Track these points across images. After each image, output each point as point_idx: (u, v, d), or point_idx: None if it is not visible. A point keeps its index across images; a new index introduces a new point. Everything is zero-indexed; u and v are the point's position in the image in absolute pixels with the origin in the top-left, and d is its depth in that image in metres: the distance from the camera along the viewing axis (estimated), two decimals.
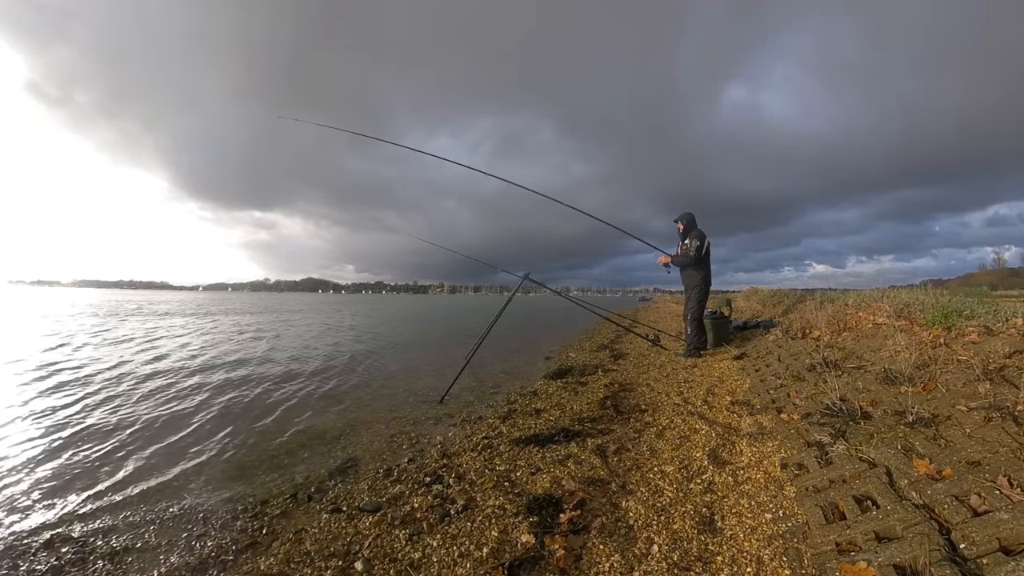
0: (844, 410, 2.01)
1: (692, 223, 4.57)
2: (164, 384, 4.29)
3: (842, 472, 1.58)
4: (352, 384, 4.46)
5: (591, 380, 3.97)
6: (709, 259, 4.56)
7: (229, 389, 4.16)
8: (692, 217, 4.58)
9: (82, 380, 4.36)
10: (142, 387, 4.14)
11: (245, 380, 4.56)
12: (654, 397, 3.14)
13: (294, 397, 3.89)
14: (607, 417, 2.75)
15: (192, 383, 4.36)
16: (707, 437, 2.23)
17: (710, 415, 2.59)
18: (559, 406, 3.15)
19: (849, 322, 3.51)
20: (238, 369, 5.16)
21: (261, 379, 4.64)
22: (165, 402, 3.66)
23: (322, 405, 3.64)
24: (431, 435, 2.80)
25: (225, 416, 3.30)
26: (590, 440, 2.36)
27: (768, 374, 3.14)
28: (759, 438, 2.11)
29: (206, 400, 3.76)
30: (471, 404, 3.56)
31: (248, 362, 5.66)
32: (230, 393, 4.00)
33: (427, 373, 5.05)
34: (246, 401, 3.75)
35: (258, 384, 4.40)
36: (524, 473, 2.03)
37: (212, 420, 3.20)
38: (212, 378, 4.62)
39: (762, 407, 2.53)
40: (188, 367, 5.19)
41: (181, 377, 4.63)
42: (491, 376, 4.76)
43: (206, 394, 3.96)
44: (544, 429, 2.62)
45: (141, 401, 3.67)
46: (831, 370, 2.57)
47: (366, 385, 4.41)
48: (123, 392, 3.93)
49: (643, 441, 2.29)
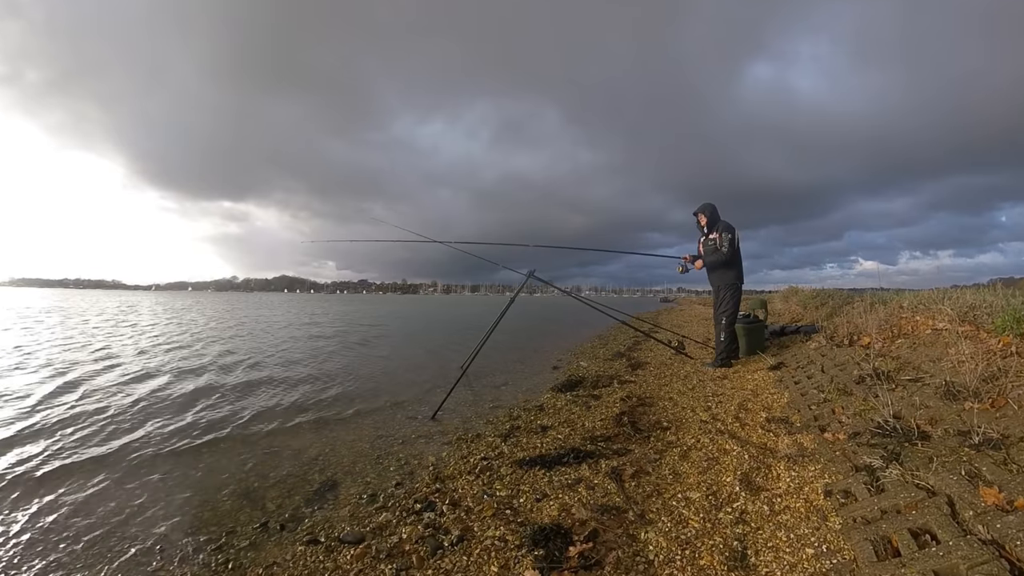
0: (898, 429, 2.00)
1: (716, 215, 4.59)
2: (101, 389, 4.32)
3: (896, 501, 1.57)
4: (331, 396, 4.47)
5: (605, 393, 4.00)
6: (740, 254, 4.56)
7: (190, 403, 4.18)
8: (714, 208, 4.60)
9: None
10: (62, 399, 4.17)
11: (207, 391, 4.59)
12: (678, 413, 3.16)
13: (263, 412, 3.91)
14: (624, 435, 2.77)
15: (139, 392, 4.39)
16: (739, 459, 2.24)
17: (742, 434, 2.60)
18: (568, 423, 3.17)
19: (904, 327, 3.51)
20: (193, 378, 5.19)
21: (223, 390, 4.67)
22: (110, 418, 3.68)
23: (296, 421, 3.65)
24: (422, 455, 2.81)
25: (183, 433, 3.31)
26: (604, 462, 2.37)
27: (809, 387, 3.15)
28: (799, 461, 2.11)
29: (160, 414, 3.78)
30: (468, 420, 3.58)
31: (208, 368, 5.70)
32: (190, 407, 4.02)
33: (417, 384, 5.06)
34: (208, 417, 3.77)
35: (220, 396, 4.42)
36: (528, 500, 2.04)
37: (168, 437, 3.21)
38: (169, 390, 4.65)
39: (802, 425, 2.54)
40: (131, 372, 5.22)
41: (120, 384, 4.67)
42: (491, 388, 4.77)
43: (159, 407, 3.98)
44: (551, 449, 2.63)
45: (73, 416, 3.69)
46: (883, 383, 2.57)
47: (347, 398, 4.42)
48: (45, 402, 3.96)
49: (665, 463, 2.31)
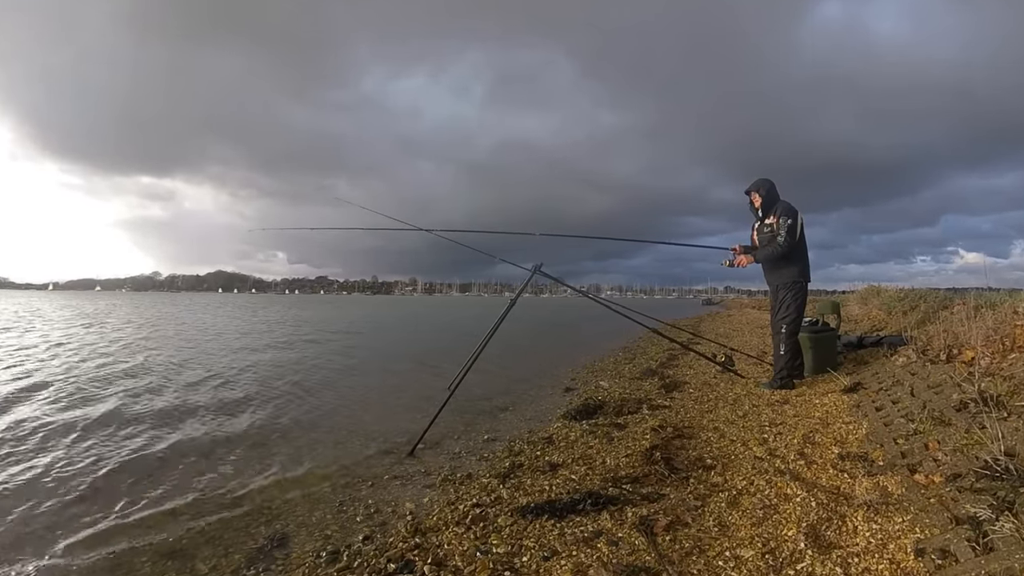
0: (1012, 470, 1.97)
1: (774, 193, 4.55)
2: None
3: (1009, 563, 1.54)
4: (281, 426, 4.48)
5: (632, 422, 4.01)
6: (805, 244, 4.54)
7: (94, 430, 4.18)
8: (772, 185, 4.56)
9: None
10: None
11: (115, 417, 4.59)
12: (725, 447, 3.17)
13: (191, 445, 3.91)
14: (656, 476, 2.76)
15: (32, 423, 4.39)
16: (804, 507, 2.23)
17: (808, 474, 2.60)
18: (585, 459, 3.17)
19: (1019, 338, 3.51)
20: (96, 403, 5.19)
21: (139, 416, 4.67)
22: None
23: (235, 457, 3.65)
24: (397, 501, 2.82)
25: (89, 471, 3.30)
26: (630, 510, 2.37)
27: (895, 415, 3.14)
28: (882, 510, 2.10)
29: (54, 448, 3.77)
30: (456, 456, 3.59)
31: (119, 389, 5.70)
32: (92, 436, 4.02)
33: (391, 410, 5.08)
34: (118, 449, 3.75)
35: (136, 423, 4.43)
36: (534, 558, 2.03)
37: (72, 480, 3.18)
38: (71, 414, 4.65)
39: (886, 464, 2.52)
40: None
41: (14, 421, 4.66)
42: (485, 415, 4.78)
43: (58, 440, 3.98)
44: (563, 493, 2.63)
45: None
46: (991, 410, 2.54)
47: (301, 428, 4.43)
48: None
49: (709, 512, 2.30)
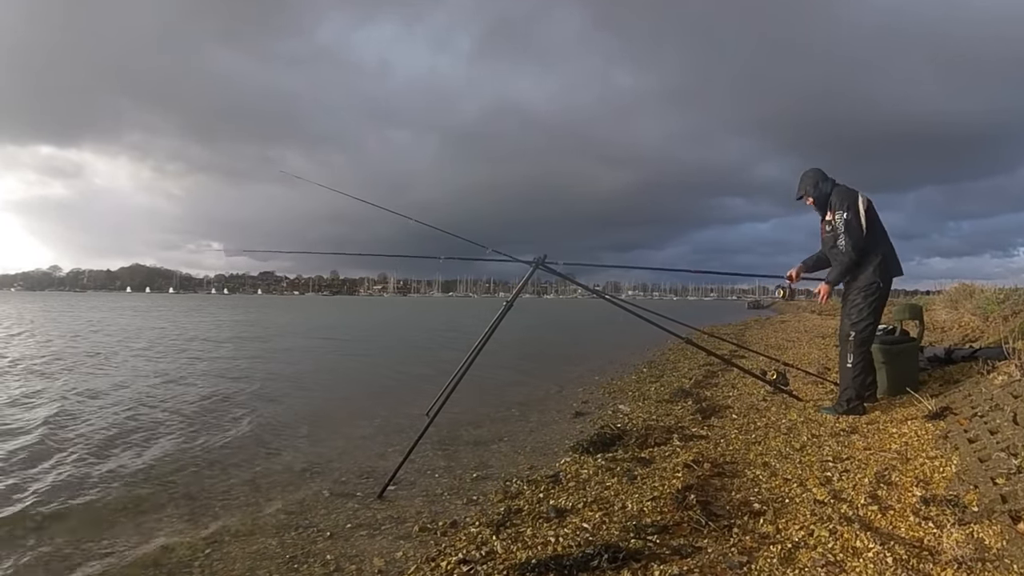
0: None
1: (824, 184, 4.72)
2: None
3: None
4: (216, 460, 4.48)
5: (660, 456, 4.03)
6: (880, 230, 4.62)
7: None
8: (819, 176, 4.76)
9: None
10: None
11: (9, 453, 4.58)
12: (777, 488, 3.18)
13: (101, 484, 3.90)
14: (689, 525, 2.77)
15: None
16: (877, 564, 2.24)
17: (883, 523, 2.61)
18: (600, 503, 3.19)
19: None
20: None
21: (35, 449, 4.65)
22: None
23: (159, 500, 3.65)
24: (363, 556, 2.82)
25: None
26: (658, 567, 2.38)
27: (994, 447, 3.15)
28: (976, 568, 2.11)
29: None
30: (437, 499, 3.61)
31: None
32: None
33: (356, 441, 5.08)
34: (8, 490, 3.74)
35: (28, 458, 4.42)
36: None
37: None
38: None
39: (982, 510, 2.54)
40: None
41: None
42: (474, 447, 4.81)
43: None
44: (573, 546, 2.64)
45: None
46: None
47: (242, 463, 4.43)
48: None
49: (757, 570, 2.31)
